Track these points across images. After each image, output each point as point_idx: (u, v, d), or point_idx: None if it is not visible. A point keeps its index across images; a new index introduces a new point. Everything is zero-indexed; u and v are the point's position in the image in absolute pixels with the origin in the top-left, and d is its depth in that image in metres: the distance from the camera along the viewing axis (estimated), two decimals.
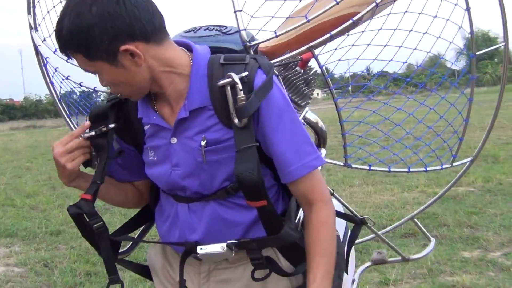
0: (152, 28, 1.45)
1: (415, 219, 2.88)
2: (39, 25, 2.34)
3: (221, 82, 1.47)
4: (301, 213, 1.69)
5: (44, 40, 2.30)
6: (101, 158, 1.65)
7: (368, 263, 2.85)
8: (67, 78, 2.30)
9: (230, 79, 1.46)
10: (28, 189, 10.18)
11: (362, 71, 2.43)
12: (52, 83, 2.44)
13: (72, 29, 1.40)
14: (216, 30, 1.82)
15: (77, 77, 2.29)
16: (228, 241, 1.56)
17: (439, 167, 2.61)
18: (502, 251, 5.20)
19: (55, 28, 1.48)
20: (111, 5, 1.38)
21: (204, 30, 1.83)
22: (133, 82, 1.51)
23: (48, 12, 2.25)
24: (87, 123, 1.64)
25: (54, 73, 2.39)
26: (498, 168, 8.98)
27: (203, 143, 1.53)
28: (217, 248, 1.56)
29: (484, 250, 5.24)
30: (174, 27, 1.57)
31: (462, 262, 4.93)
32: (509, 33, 2.25)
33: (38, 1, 2.31)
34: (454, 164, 2.56)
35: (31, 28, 2.35)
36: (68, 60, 2.20)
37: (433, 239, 2.97)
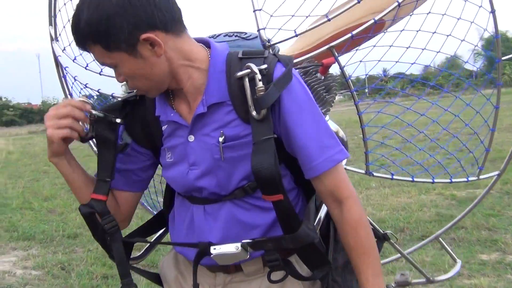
0: (171, 19, 1.45)
1: (440, 239, 2.82)
2: (59, 35, 2.34)
3: (240, 73, 1.45)
4: (321, 215, 1.68)
5: (64, 49, 2.31)
6: (106, 153, 1.61)
7: (392, 284, 2.81)
8: (86, 86, 2.31)
9: (248, 70, 1.44)
10: (45, 192, 10.25)
11: (381, 74, 2.41)
12: (71, 94, 2.44)
13: (92, 19, 1.39)
14: (236, 36, 1.82)
15: (95, 84, 2.29)
16: (243, 241, 1.52)
17: (465, 179, 2.55)
18: None
19: (71, 22, 1.46)
20: None
21: (224, 36, 1.83)
22: (151, 75, 1.49)
23: (69, 20, 2.24)
24: (90, 101, 1.59)
25: (73, 82, 2.40)
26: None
27: (221, 139, 1.51)
28: (232, 248, 1.51)
29: (502, 253, 5.19)
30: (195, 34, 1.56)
31: (480, 265, 4.89)
32: None
33: (59, 11, 2.32)
34: (481, 177, 2.50)
35: (52, 39, 2.36)
36: (87, 67, 2.22)
37: (459, 261, 2.89)
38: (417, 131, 2.40)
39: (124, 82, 1.56)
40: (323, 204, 1.70)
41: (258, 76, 1.43)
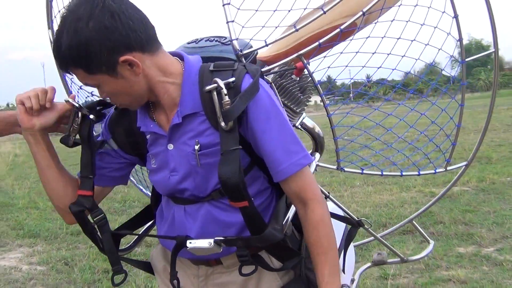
0: (146, 38, 1.45)
1: (413, 222, 2.84)
2: (55, 17, 2.34)
3: (207, 87, 1.46)
4: (289, 214, 1.69)
5: None
6: (85, 152, 1.62)
7: (369, 264, 2.82)
8: (81, 88, 2.31)
9: (215, 85, 1.45)
10: None
11: (364, 79, 2.42)
12: (71, 92, 2.44)
13: (71, 45, 1.39)
14: (216, 40, 1.82)
15: (89, 88, 2.29)
16: (216, 238, 1.55)
17: (433, 171, 2.56)
18: (495, 247, 5.17)
19: (53, 47, 1.46)
20: (107, 19, 1.37)
21: (205, 41, 1.83)
22: (131, 92, 1.50)
23: (59, 11, 2.24)
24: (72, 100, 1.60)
25: (72, 83, 2.39)
26: (491, 169, 8.95)
27: (196, 147, 1.52)
28: (205, 243, 1.54)
29: (478, 246, 5.22)
30: (177, 38, 1.56)
31: (457, 258, 4.91)
32: (499, 41, 2.22)
33: (55, 17, 2.32)
34: (448, 168, 2.52)
35: (51, 42, 2.36)
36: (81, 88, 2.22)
37: (432, 241, 2.92)
38: (386, 130, 2.41)
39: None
40: None
41: (224, 91, 1.44)
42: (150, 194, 1.94)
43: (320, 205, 1.56)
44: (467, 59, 2.22)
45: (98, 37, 1.38)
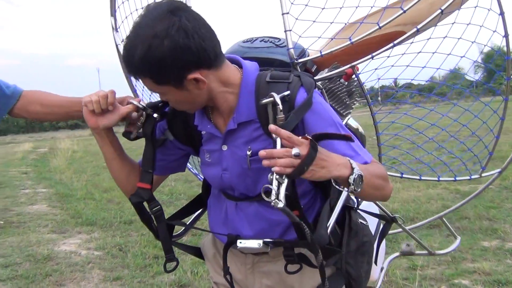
0: (214, 56, 1.44)
1: (443, 218, 2.79)
2: (118, 27, 2.34)
3: (264, 101, 1.43)
4: (333, 217, 1.65)
5: (123, 40, 2.32)
6: (147, 148, 1.63)
7: (397, 254, 2.79)
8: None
9: (271, 99, 1.42)
10: (105, 185, 10.38)
11: (392, 84, 2.38)
12: (135, 90, 2.43)
13: (145, 59, 1.38)
14: (270, 42, 1.79)
15: None
16: (264, 239, 1.55)
17: (468, 177, 2.50)
18: None
19: (123, 53, 1.45)
20: (181, 38, 1.36)
21: (260, 41, 1.80)
22: (193, 102, 1.51)
23: (126, 17, 2.26)
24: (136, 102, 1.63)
25: (136, 81, 2.37)
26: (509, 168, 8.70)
27: (248, 152, 1.50)
28: (254, 244, 1.55)
29: (502, 240, 5.11)
30: (232, 36, 1.55)
31: (482, 251, 4.82)
32: None
33: (118, 7, 2.32)
34: (483, 175, 2.46)
35: (113, 29, 2.36)
36: None
37: (458, 237, 2.85)
38: (428, 139, 2.38)
39: None
40: (338, 202, 1.67)
41: (280, 107, 1.40)
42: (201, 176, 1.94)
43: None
44: None
45: (171, 55, 1.37)
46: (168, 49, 1.36)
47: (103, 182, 10.89)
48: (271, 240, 1.56)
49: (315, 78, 1.70)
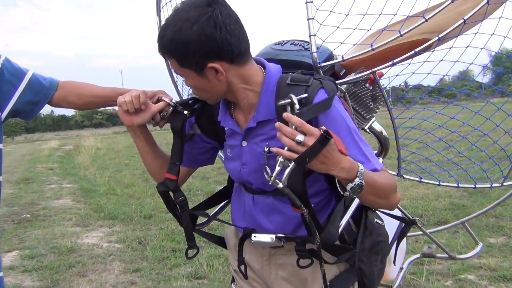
0: (238, 52, 1.44)
1: (465, 224, 2.71)
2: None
3: (281, 102, 1.41)
4: (346, 217, 1.64)
5: None
6: (176, 142, 1.67)
7: (418, 255, 2.74)
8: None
9: (289, 100, 1.40)
10: (126, 181, 10.46)
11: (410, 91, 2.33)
12: (172, 75, 2.43)
13: (173, 39, 1.41)
14: (300, 45, 1.79)
15: None
16: (277, 234, 1.56)
17: (489, 185, 2.42)
18: None
19: (159, 32, 1.48)
20: (209, 28, 1.38)
21: (290, 44, 1.81)
22: (211, 91, 1.52)
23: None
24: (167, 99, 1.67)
25: (177, 76, 2.39)
26: None
27: (266, 149, 1.50)
28: (267, 238, 1.57)
29: (507, 237, 5.05)
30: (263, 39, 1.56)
31: (488, 247, 4.76)
32: None
33: (162, 7, 2.33)
34: (505, 184, 2.38)
35: (158, 27, 2.37)
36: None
37: (481, 244, 2.78)
38: (448, 146, 2.33)
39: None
40: (353, 203, 1.67)
41: (297, 106, 1.38)
42: None
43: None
44: None
45: (197, 41, 1.39)
46: (195, 34, 1.39)
47: (124, 178, 10.97)
48: (283, 235, 1.56)
49: (338, 82, 1.68)
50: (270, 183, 1.31)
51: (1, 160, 1.82)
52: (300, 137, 1.27)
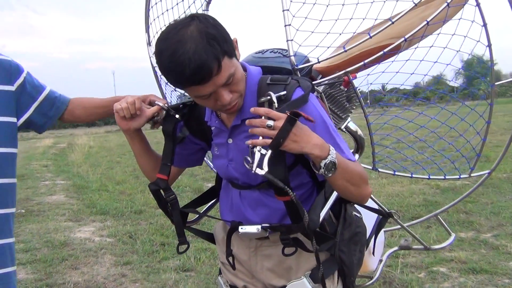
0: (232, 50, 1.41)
1: (438, 217, 2.73)
2: (151, 41, 2.38)
3: (262, 99, 1.44)
4: (327, 206, 1.64)
5: (154, 53, 2.33)
6: (168, 144, 1.67)
7: (396, 248, 2.75)
8: (175, 90, 2.33)
9: (268, 97, 1.42)
10: (118, 178, 10.38)
11: (381, 90, 2.36)
12: (160, 85, 2.45)
13: (217, 37, 1.34)
14: (279, 52, 1.80)
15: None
16: (262, 225, 1.56)
17: (458, 177, 2.45)
18: (492, 233, 5.06)
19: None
20: (213, 20, 1.37)
21: (270, 52, 1.82)
22: (243, 78, 1.49)
23: (157, 32, 2.27)
24: (162, 104, 1.66)
25: (160, 79, 2.41)
26: (489, 166, 8.62)
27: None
28: (253, 229, 1.56)
29: (477, 232, 5.11)
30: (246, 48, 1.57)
31: (459, 241, 4.81)
32: (496, 54, 2.09)
33: (151, 24, 2.35)
34: (472, 175, 2.41)
35: (147, 43, 2.40)
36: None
37: (453, 234, 2.80)
38: (418, 140, 2.35)
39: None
40: (332, 194, 1.67)
41: (275, 105, 1.40)
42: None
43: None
44: (496, 83, 2.11)
45: (221, 28, 1.36)
46: (215, 25, 1.35)
47: (116, 175, 10.90)
48: (268, 225, 1.56)
49: (313, 82, 1.72)
50: (253, 171, 1.32)
51: (15, 163, 1.85)
52: (270, 122, 1.31)
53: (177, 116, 1.65)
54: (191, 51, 1.29)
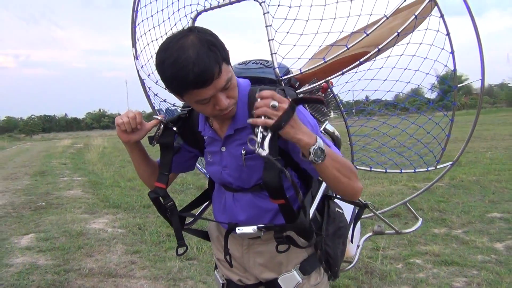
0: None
1: (407, 204, 2.75)
2: (138, 56, 2.33)
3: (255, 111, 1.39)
4: (314, 206, 1.64)
5: (142, 67, 2.30)
6: (166, 155, 1.62)
7: (370, 233, 2.75)
8: (156, 95, 2.31)
9: None
10: (129, 175, 10.35)
11: (364, 99, 2.37)
12: (149, 96, 2.43)
13: (217, 43, 1.32)
14: (261, 63, 1.76)
15: (162, 96, 2.28)
16: (258, 225, 1.52)
17: (426, 169, 2.45)
18: (463, 230, 5.06)
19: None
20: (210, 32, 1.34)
21: (252, 63, 1.77)
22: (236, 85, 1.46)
23: (144, 47, 2.25)
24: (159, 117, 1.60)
25: (149, 90, 2.37)
26: (461, 170, 8.75)
27: (243, 152, 1.48)
28: (250, 229, 1.52)
29: (449, 228, 5.12)
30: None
31: (433, 236, 4.82)
32: (468, 70, 2.14)
33: (138, 40, 2.31)
34: (438, 167, 2.42)
35: (134, 57, 2.36)
36: (157, 82, 2.21)
37: (421, 219, 2.81)
38: (390, 137, 2.37)
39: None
40: (318, 193, 1.67)
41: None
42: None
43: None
44: (458, 85, 2.14)
45: (217, 38, 1.34)
46: (212, 35, 1.33)
47: (127, 173, 10.87)
48: (263, 225, 1.53)
49: (297, 91, 1.69)
50: (255, 152, 1.24)
51: None
52: (275, 103, 1.24)
53: (174, 128, 1.61)
54: (193, 57, 1.27)
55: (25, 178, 10.85)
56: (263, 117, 1.26)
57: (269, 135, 1.26)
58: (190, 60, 1.26)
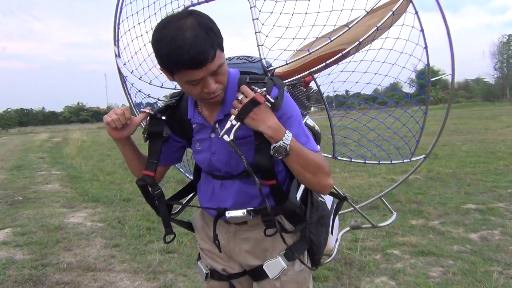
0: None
1: (382, 198, 2.79)
2: (120, 53, 2.31)
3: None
4: (301, 190, 1.67)
5: (125, 64, 2.27)
6: (155, 143, 1.62)
7: (347, 228, 2.78)
8: (139, 91, 2.28)
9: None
10: (108, 169, 10.25)
11: (344, 92, 2.38)
12: (129, 94, 2.41)
13: (214, 29, 1.34)
14: (245, 59, 1.79)
15: (146, 91, 2.26)
16: (247, 208, 1.55)
17: (401, 161, 2.51)
18: (439, 221, 5.15)
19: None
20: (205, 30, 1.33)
21: (237, 59, 1.80)
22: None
23: (128, 44, 2.23)
24: (147, 110, 1.60)
25: (131, 87, 2.36)
26: (437, 163, 8.91)
27: (232, 137, 1.47)
28: (240, 213, 1.54)
29: (426, 220, 5.20)
30: None
31: (410, 228, 4.90)
32: (444, 66, 2.17)
33: (120, 37, 2.29)
34: (412, 159, 2.47)
35: (116, 55, 2.33)
36: (141, 78, 2.19)
37: (395, 213, 2.87)
38: (369, 129, 2.40)
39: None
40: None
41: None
42: (191, 177, 1.91)
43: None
44: (432, 79, 2.19)
45: (214, 24, 1.35)
46: (211, 21, 1.35)
47: (106, 166, 10.76)
48: (252, 208, 1.55)
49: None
50: (220, 136, 1.41)
51: None
52: (240, 96, 1.39)
53: (163, 118, 1.60)
54: (191, 39, 1.28)
55: (1, 173, 10.63)
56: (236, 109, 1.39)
57: (237, 124, 1.40)
58: (187, 41, 1.28)
